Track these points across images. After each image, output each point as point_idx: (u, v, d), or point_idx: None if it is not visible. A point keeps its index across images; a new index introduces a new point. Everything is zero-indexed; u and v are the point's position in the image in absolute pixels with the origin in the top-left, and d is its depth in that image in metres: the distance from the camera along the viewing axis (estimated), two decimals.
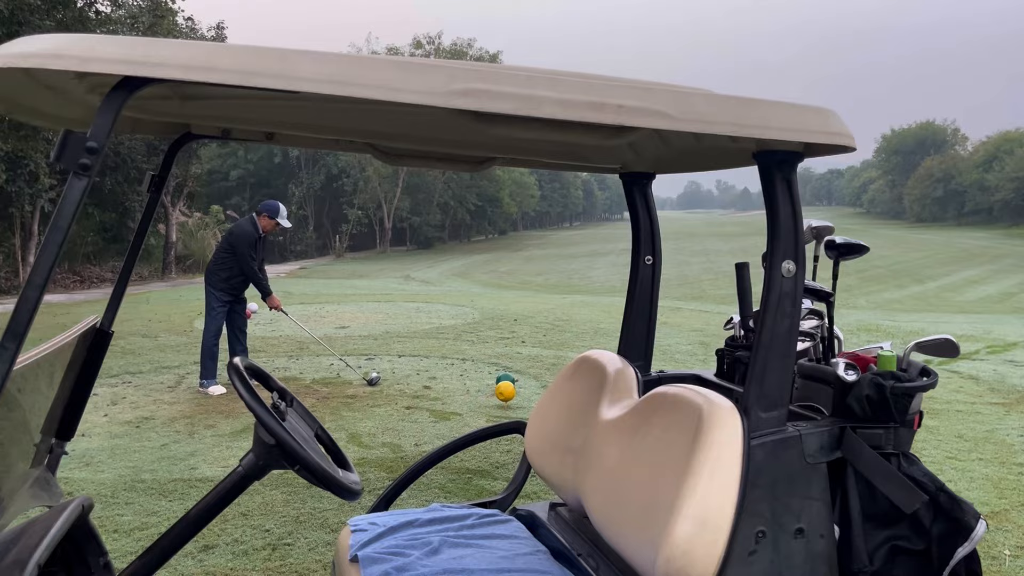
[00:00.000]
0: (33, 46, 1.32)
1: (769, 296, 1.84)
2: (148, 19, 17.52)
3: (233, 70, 1.35)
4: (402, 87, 1.42)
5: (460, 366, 9.46)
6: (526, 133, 1.63)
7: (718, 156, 2.33)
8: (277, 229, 8.06)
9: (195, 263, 29.64)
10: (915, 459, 1.96)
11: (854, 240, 2.35)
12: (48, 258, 1.34)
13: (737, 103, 1.65)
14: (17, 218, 22.22)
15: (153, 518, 4.55)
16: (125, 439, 6.16)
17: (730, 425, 1.78)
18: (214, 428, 6.52)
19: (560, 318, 14.45)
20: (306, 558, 4.05)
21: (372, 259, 45.60)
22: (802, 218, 1.88)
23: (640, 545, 1.84)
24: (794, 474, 1.85)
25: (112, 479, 5.19)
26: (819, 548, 1.86)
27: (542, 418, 2.66)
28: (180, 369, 9.08)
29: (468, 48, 57.22)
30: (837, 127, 1.72)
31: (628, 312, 2.71)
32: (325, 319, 13.95)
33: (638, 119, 1.54)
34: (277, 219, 7.93)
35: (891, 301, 21.84)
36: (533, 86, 1.49)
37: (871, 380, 1.92)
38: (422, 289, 23.68)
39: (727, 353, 2.57)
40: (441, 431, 6.48)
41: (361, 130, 2.35)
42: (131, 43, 1.36)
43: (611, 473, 2.09)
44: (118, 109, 1.36)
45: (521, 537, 2.41)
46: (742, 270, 2.51)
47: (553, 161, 2.67)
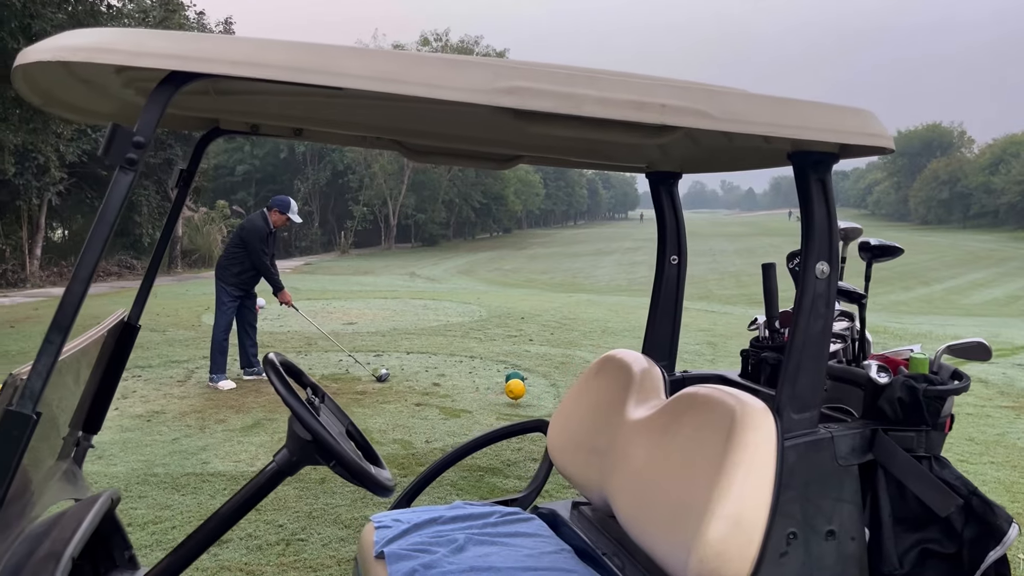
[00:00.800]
0: (83, 40, 1.32)
1: (803, 297, 1.83)
2: (159, 13, 17.55)
3: (282, 66, 1.34)
4: (447, 84, 1.41)
5: (469, 363, 9.47)
6: (564, 131, 1.63)
7: (749, 156, 2.32)
8: (287, 224, 8.08)
9: (201, 258, 29.68)
10: (947, 462, 1.95)
11: (888, 242, 2.35)
12: (94, 252, 1.34)
13: (775, 103, 1.65)
14: (25, 211, 22.28)
15: (167, 512, 4.56)
16: (136, 433, 6.18)
17: (764, 426, 1.77)
18: (224, 423, 6.53)
19: (567, 316, 14.45)
20: (320, 553, 4.06)
21: (377, 256, 45.63)
22: (837, 220, 1.87)
23: (671, 544, 1.84)
24: (826, 476, 1.85)
25: (125, 472, 5.20)
26: (850, 550, 1.86)
27: (566, 417, 2.65)
28: (189, 364, 9.10)
29: (475, 45, 57.21)
30: (876, 128, 1.71)
31: (653, 312, 2.71)
32: (332, 315, 13.96)
33: (680, 118, 1.54)
34: (288, 214, 7.95)
35: (897, 303, 21.80)
36: (574, 84, 1.49)
37: (903, 383, 1.92)
38: (428, 286, 23.69)
39: (752, 354, 2.57)
40: (452, 428, 6.48)
41: (389, 127, 2.34)
42: (179, 38, 1.36)
43: (640, 472, 2.09)
44: (165, 103, 1.36)
45: (544, 536, 2.40)
46: (769, 271, 2.51)
47: (580, 160, 2.67)
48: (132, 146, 1.34)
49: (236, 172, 48.85)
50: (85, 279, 1.33)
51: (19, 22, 10.01)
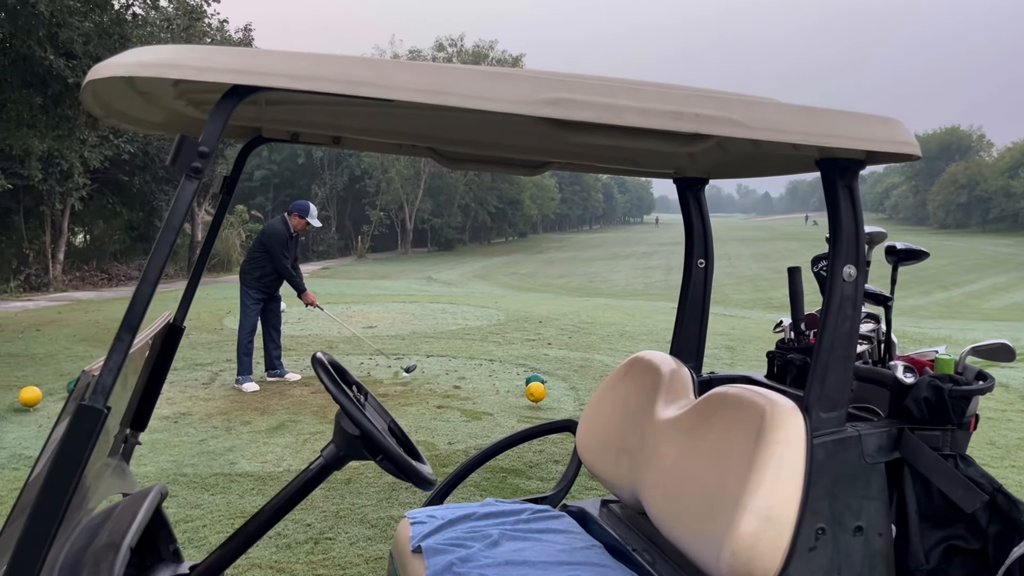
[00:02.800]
0: (151, 56, 1.41)
1: (831, 300, 1.89)
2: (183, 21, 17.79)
3: (337, 79, 1.42)
4: (493, 96, 1.49)
5: (488, 367, 9.54)
6: (603, 140, 1.69)
7: (776, 163, 2.38)
8: (307, 228, 8.18)
9: (220, 262, 29.93)
10: (972, 460, 2.00)
11: (914, 246, 2.40)
12: (161, 255, 1.41)
13: (805, 112, 1.71)
14: (48, 216, 22.58)
15: (197, 511, 4.65)
16: (164, 434, 6.29)
17: (793, 424, 1.83)
18: (250, 424, 6.63)
19: (584, 320, 14.49)
20: (348, 552, 4.14)
21: (394, 260, 45.84)
22: (863, 224, 1.93)
23: (702, 540, 1.90)
24: (853, 473, 1.90)
25: (155, 472, 5.31)
26: (877, 546, 1.91)
27: (595, 417, 2.72)
28: (213, 366, 9.22)
29: (490, 50, 57.37)
30: (904, 136, 1.77)
31: (681, 314, 2.77)
32: (352, 319, 14.07)
33: (715, 128, 1.60)
34: (307, 218, 8.05)
35: (916, 308, 21.70)
36: (615, 95, 1.56)
37: (929, 383, 1.97)
38: (445, 290, 23.79)
39: (778, 355, 2.62)
40: (474, 430, 6.55)
41: (425, 135, 2.42)
42: (240, 53, 1.44)
43: (670, 471, 2.15)
44: (228, 115, 1.44)
45: (575, 532, 2.47)
46: (795, 274, 2.56)
47: (609, 166, 2.73)
48: (197, 155, 1.41)
49: (254, 177, 49.22)
50: (153, 281, 1.41)
51: (47, 31, 10.19)
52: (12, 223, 22.49)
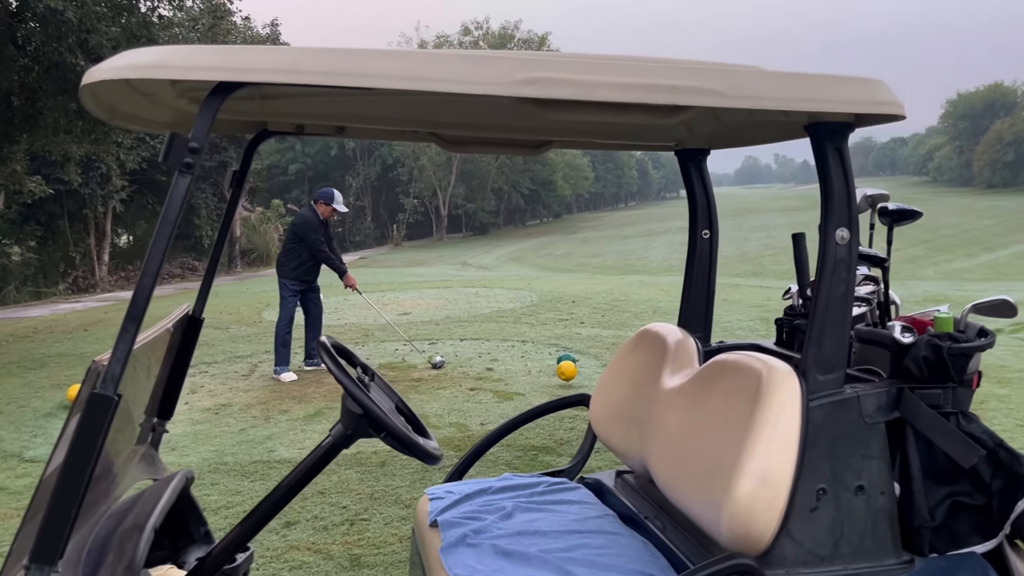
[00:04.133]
0: (141, 58, 1.47)
1: (824, 263, 1.91)
2: (208, 21, 18.05)
3: (317, 71, 1.48)
4: (469, 79, 1.53)
5: (521, 348, 9.61)
6: (585, 116, 1.73)
7: (771, 130, 2.38)
8: (335, 215, 8.30)
9: (259, 256, 30.41)
10: (974, 417, 2.00)
11: (907, 206, 2.39)
12: (159, 249, 1.49)
13: (785, 78, 1.72)
14: (91, 219, 23.17)
15: (237, 497, 4.80)
16: (206, 425, 6.47)
17: (788, 387, 1.85)
18: (288, 413, 6.79)
19: (618, 298, 14.48)
20: (383, 532, 4.25)
21: (429, 247, 46.09)
22: (854, 187, 1.94)
23: (705, 505, 1.94)
24: (853, 434, 1.92)
25: (197, 462, 5.48)
26: (880, 504, 1.93)
27: (606, 390, 2.76)
28: (252, 358, 9.43)
29: (515, 31, 57.07)
30: (886, 96, 1.77)
31: (687, 285, 2.79)
32: (387, 306, 14.23)
33: (691, 98, 1.63)
34: (333, 205, 8.17)
35: (960, 271, 21.21)
36: (591, 72, 1.59)
37: (928, 341, 1.98)
38: (479, 274, 23.89)
39: (786, 322, 2.63)
40: (506, 411, 6.63)
41: (425, 120, 2.47)
42: (224, 51, 1.50)
43: (675, 438, 2.19)
44: (215, 111, 1.50)
45: (589, 503, 2.52)
46: (799, 240, 2.57)
47: (609, 141, 2.76)
48: (188, 151, 1.48)
49: (289, 171, 49.74)
50: (153, 273, 1.48)
51: (76, 37, 10.43)
52: (58, 227, 23.13)
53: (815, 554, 1.88)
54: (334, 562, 3.89)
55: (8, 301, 19.28)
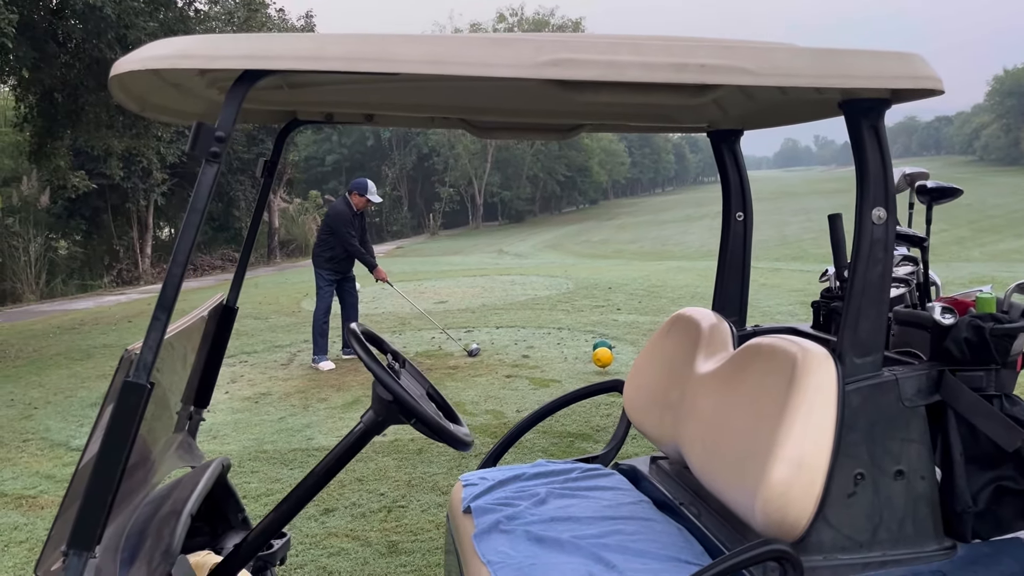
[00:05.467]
0: (165, 49, 1.48)
1: (860, 244, 1.86)
2: (243, 14, 18.24)
3: (340, 57, 1.47)
4: (493, 62, 1.51)
5: (557, 335, 9.59)
6: (612, 97, 1.70)
7: (804, 109, 2.33)
8: (369, 205, 8.33)
9: (297, 247, 30.76)
10: (1019, 400, 1.94)
11: (946, 183, 2.32)
12: (188, 238, 1.50)
13: (818, 54, 1.67)
14: (134, 212, 23.63)
15: (277, 484, 4.87)
16: (246, 414, 6.57)
17: (824, 370, 1.82)
18: (327, 401, 6.87)
19: (655, 284, 14.37)
20: (419, 519, 4.27)
21: (465, 235, 46.21)
22: (891, 165, 1.88)
23: (739, 490, 1.91)
24: (892, 417, 1.88)
25: (238, 450, 5.57)
26: (920, 489, 1.88)
27: (640, 375, 2.74)
28: (291, 348, 9.54)
29: (551, 17, 56.78)
30: (923, 71, 1.71)
31: (721, 269, 2.75)
32: (424, 295, 14.31)
33: (720, 77, 1.59)
34: (367, 196, 8.20)
35: (1009, 252, 20.66)
36: (616, 52, 1.56)
37: (969, 322, 1.92)
38: (516, 262, 23.88)
39: (822, 304, 2.58)
40: (541, 398, 6.63)
41: (453, 106, 2.46)
42: (248, 39, 1.51)
43: (709, 423, 2.16)
44: (240, 100, 1.51)
45: (624, 489, 2.50)
46: (835, 221, 2.51)
47: (640, 124, 2.72)
48: (215, 140, 1.49)
49: (326, 162, 50.23)
50: (182, 262, 1.50)
51: (115, 33, 10.60)
52: (102, 221, 23.63)
53: (853, 540, 1.85)
54: (372, 548, 3.92)
55: (55, 294, 19.77)
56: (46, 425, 6.55)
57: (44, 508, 4.72)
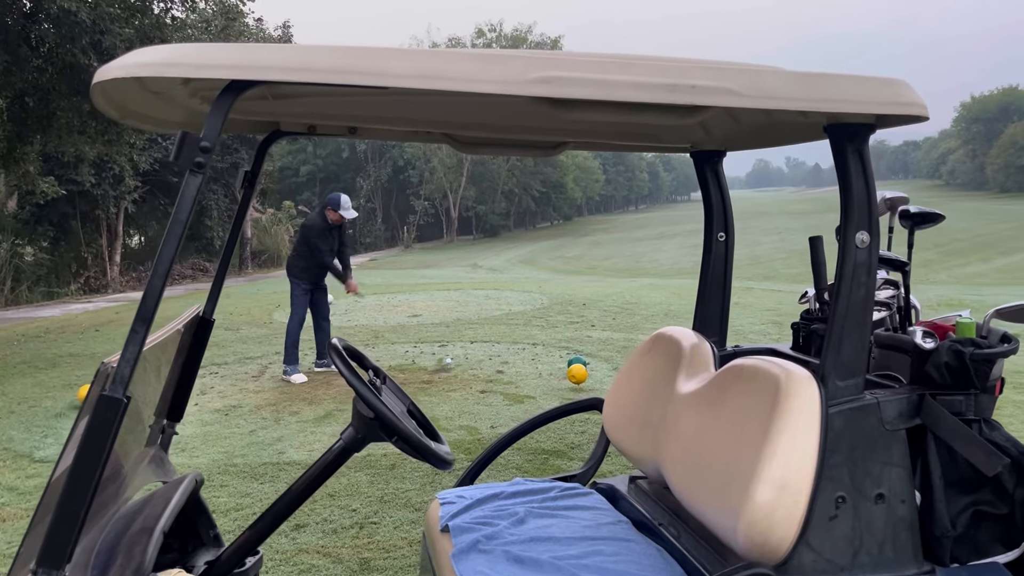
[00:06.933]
0: (152, 56, 1.45)
1: (844, 267, 1.87)
2: (221, 22, 18.12)
3: (329, 69, 1.45)
4: (483, 78, 1.50)
5: (531, 350, 9.57)
6: (600, 116, 1.70)
7: (789, 131, 2.35)
8: (342, 220, 8.30)
9: (270, 258, 30.49)
10: (997, 425, 1.96)
11: (928, 209, 2.35)
12: (170, 249, 1.47)
13: (805, 78, 1.68)
14: (103, 219, 23.28)
15: (247, 499, 4.79)
16: (216, 426, 6.46)
17: (807, 393, 1.82)
18: (298, 414, 6.78)
19: (629, 301, 14.42)
20: (392, 535, 4.22)
21: (439, 249, 46.13)
22: (875, 189, 1.90)
23: (721, 511, 1.90)
24: (873, 441, 1.88)
25: (207, 463, 5.47)
26: (900, 513, 1.89)
27: (620, 394, 2.73)
28: (263, 359, 9.43)
29: (528, 34, 57.12)
30: (909, 97, 1.73)
31: (702, 288, 2.76)
32: (398, 308, 14.24)
33: (710, 98, 1.59)
34: (340, 211, 8.17)
35: (975, 275, 21.06)
36: (607, 71, 1.56)
37: (949, 347, 1.94)
38: (490, 277, 23.88)
39: (803, 326, 2.60)
40: (516, 414, 6.60)
41: (438, 121, 2.45)
42: (236, 49, 1.48)
43: (691, 444, 2.15)
44: (227, 110, 1.48)
45: (603, 508, 2.49)
46: (816, 243, 2.53)
47: (624, 143, 2.72)
48: (199, 151, 1.46)
49: (300, 173, 49.96)
50: (163, 274, 1.46)
51: (89, 38, 10.47)
52: (70, 228, 23.24)
53: (834, 563, 1.85)
54: (343, 566, 3.86)
55: (21, 301, 19.38)
56: (9, 436, 6.40)
57: (6, 521, 4.59)
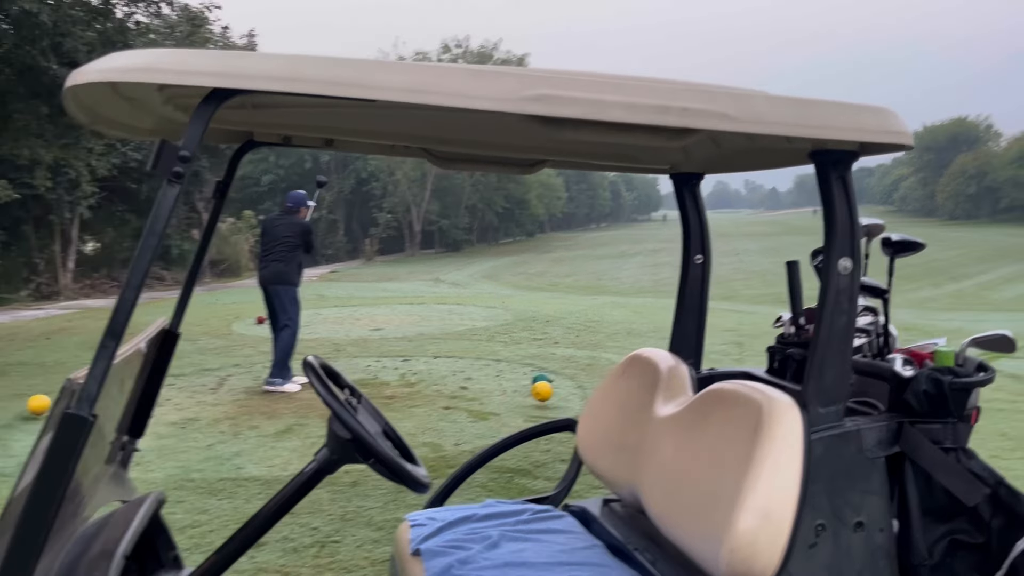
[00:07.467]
0: (132, 61, 1.40)
1: (827, 293, 1.87)
2: (186, 28, 17.88)
3: (318, 80, 1.41)
4: (476, 94, 1.47)
5: (495, 367, 9.53)
6: (589, 136, 1.68)
7: (771, 156, 2.36)
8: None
9: (229, 267, 30.01)
10: (973, 453, 1.97)
11: (910, 237, 2.37)
12: (144, 261, 1.41)
13: (795, 104, 1.69)
14: (57, 225, 22.69)
15: (204, 516, 4.65)
16: (172, 440, 6.30)
17: (790, 420, 1.81)
18: (258, 429, 6.64)
19: (592, 319, 14.46)
20: (354, 555, 4.13)
21: (402, 262, 45.87)
22: (858, 216, 1.91)
23: (701, 538, 1.88)
24: (853, 468, 1.88)
25: (162, 478, 5.31)
26: (878, 541, 1.89)
27: (595, 416, 2.70)
28: (221, 371, 9.24)
29: (494, 50, 57.36)
30: (896, 126, 1.75)
31: (679, 310, 2.75)
32: (359, 321, 14.09)
33: (701, 121, 1.58)
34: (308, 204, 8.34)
35: (926, 300, 21.54)
36: (600, 91, 1.54)
37: (929, 375, 1.95)
38: (452, 291, 23.79)
39: (778, 350, 2.60)
40: (480, 431, 6.54)
41: (417, 135, 2.41)
42: (219, 56, 1.43)
43: (669, 468, 2.13)
44: (208, 118, 1.43)
45: (576, 532, 2.45)
46: (793, 268, 2.54)
47: (604, 163, 2.72)
48: (178, 160, 1.41)
49: (262, 182, 49.34)
50: (136, 286, 1.40)
51: (50, 40, 10.25)
52: (22, 233, 22.59)
53: None
54: None
55: None
56: None
57: None
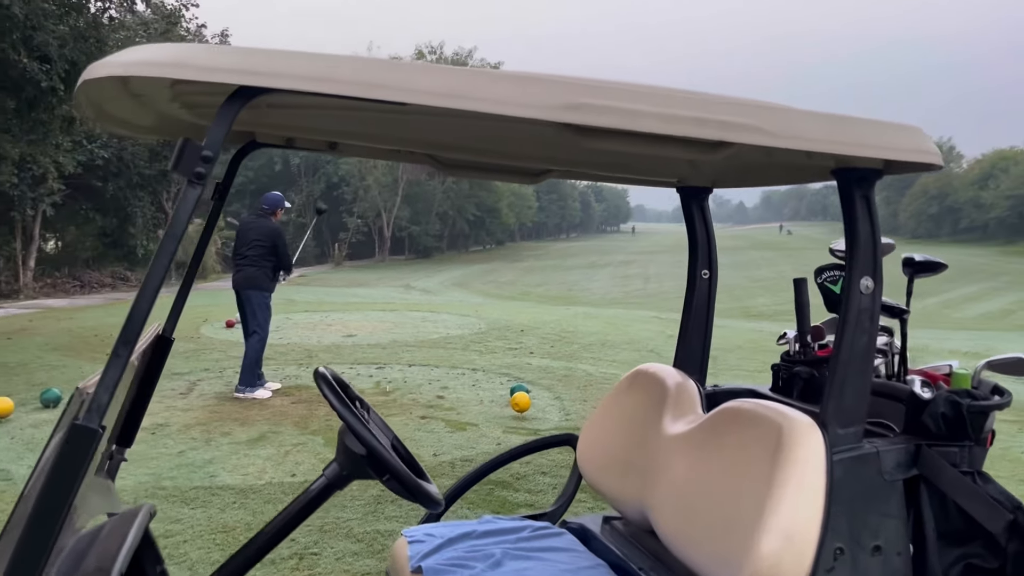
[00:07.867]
0: (155, 55, 1.33)
1: (848, 312, 1.84)
2: (161, 25, 17.59)
3: (352, 81, 1.35)
4: (513, 100, 1.42)
5: (471, 376, 9.45)
6: (622, 146, 1.63)
7: (787, 172, 2.33)
8: None
9: None
10: (989, 478, 1.96)
11: (932, 258, 2.37)
12: (162, 265, 1.33)
13: (829, 119, 1.66)
14: (19, 222, 22.18)
15: (177, 526, 4.53)
16: (142, 446, 6.12)
17: (812, 441, 1.78)
18: (230, 435, 6.49)
19: (566, 329, 14.44)
20: (334, 567, 4.04)
21: (371, 268, 45.61)
22: (880, 235, 1.89)
23: (718, 560, 1.84)
24: (872, 491, 1.85)
25: (133, 486, 5.16)
26: (895, 566, 1.86)
27: (597, 431, 2.65)
28: (191, 376, 9.05)
29: (469, 58, 57.42)
30: (925, 145, 1.73)
31: (685, 325, 2.71)
32: (331, 327, 13.93)
33: (740, 135, 1.55)
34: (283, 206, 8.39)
35: None
36: (636, 100, 1.50)
37: (947, 398, 1.93)
38: (424, 298, 23.68)
39: (783, 368, 2.57)
40: (459, 441, 6.46)
41: (423, 140, 2.35)
42: (247, 53, 1.36)
43: (682, 488, 2.09)
44: (232, 117, 1.36)
45: (577, 551, 2.40)
46: (800, 285, 2.52)
47: (611, 174, 2.68)
48: (200, 160, 1.34)
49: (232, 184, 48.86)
50: (153, 291, 1.33)
51: (21, 34, 10.00)
52: None
53: None
54: None
55: None
56: None
57: None
